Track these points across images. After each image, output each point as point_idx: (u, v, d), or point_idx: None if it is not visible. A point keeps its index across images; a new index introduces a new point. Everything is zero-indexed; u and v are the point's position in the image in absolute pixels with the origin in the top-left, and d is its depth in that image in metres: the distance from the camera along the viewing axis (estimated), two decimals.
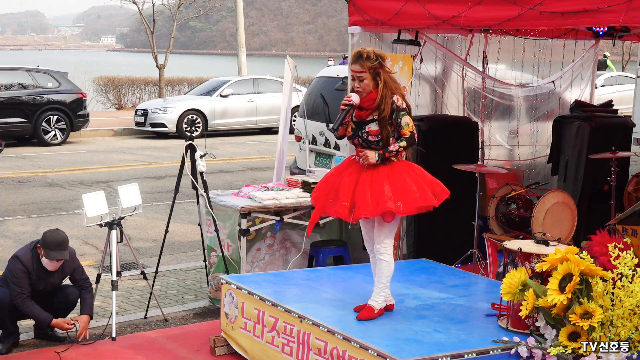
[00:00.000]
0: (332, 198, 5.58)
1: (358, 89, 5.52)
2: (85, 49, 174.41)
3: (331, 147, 10.59)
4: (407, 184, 5.47)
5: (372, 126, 5.49)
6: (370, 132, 5.48)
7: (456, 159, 7.78)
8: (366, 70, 5.47)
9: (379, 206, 5.39)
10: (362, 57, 5.49)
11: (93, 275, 7.31)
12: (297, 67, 8.67)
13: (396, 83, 5.64)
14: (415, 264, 7.23)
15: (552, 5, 6.06)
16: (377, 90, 5.48)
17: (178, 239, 10.53)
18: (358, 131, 5.54)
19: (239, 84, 23.41)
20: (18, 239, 10.43)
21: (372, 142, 5.49)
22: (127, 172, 16.07)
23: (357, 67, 5.51)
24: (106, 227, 6.92)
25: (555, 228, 7.21)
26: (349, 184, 5.51)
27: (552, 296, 4.67)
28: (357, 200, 5.45)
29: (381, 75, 5.49)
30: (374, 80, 5.48)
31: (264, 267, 7.61)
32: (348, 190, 5.49)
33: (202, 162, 7.37)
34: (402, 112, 5.47)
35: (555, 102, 9.48)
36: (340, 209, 5.48)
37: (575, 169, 8.46)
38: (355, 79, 5.53)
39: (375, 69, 5.47)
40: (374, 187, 5.44)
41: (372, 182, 5.46)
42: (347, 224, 7.91)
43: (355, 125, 5.57)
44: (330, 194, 5.61)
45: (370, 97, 5.50)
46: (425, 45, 7.95)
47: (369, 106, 5.51)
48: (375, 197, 5.41)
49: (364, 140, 5.51)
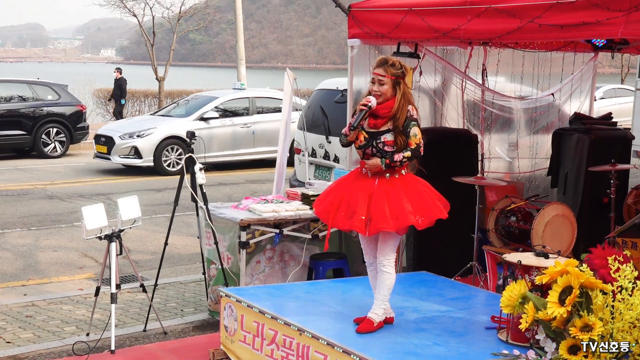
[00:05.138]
0: (344, 212, 5.57)
1: (376, 93, 5.53)
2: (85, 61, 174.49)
3: (331, 160, 10.60)
4: (423, 198, 5.53)
5: (387, 136, 5.50)
6: (386, 143, 5.49)
7: (456, 171, 7.78)
8: (388, 75, 5.50)
9: (400, 220, 5.41)
10: (387, 63, 5.54)
11: (92, 288, 7.30)
12: (296, 79, 8.69)
13: (412, 98, 5.68)
14: (415, 276, 7.22)
15: (551, 18, 6.07)
16: (394, 99, 5.51)
17: (177, 252, 10.52)
18: (372, 141, 5.54)
19: None
20: (17, 252, 10.42)
21: (387, 152, 5.49)
22: (127, 184, 16.07)
23: (380, 71, 5.54)
24: (105, 240, 6.90)
25: (555, 241, 7.20)
26: (363, 198, 5.51)
27: (552, 309, 4.66)
28: (374, 214, 5.44)
29: (401, 85, 5.54)
30: (393, 88, 5.52)
31: (263, 280, 7.60)
32: (363, 204, 5.49)
33: (202, 174, 7.37)
34: (412, 122, 5.50)
35: (554, 115, 9.49)
36: (357, 222, 5.47)
37: (575, 181, 8.46)
38: (375, 82, 5.55)
39: (397, 77, 5.51)
40: (391, 200, 5.45)
41: (389, 196, 5.47)
42: (347, 237, 7.94)
43: (369, 135, 5.57)
44: (341, 208, 5.59)
45: (388, 104, 5.52)
46: (424, 58, 7.96)
47: (385, 114, 5.52)
48: (395, 210, 5.42)
49: (378, 150, 5.51)
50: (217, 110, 18.10)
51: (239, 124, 18.21)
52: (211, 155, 17.15)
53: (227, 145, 17.94)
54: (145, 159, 17.19)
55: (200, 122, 17.69)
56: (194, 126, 17.14)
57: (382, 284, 5.59)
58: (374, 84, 5.56)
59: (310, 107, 11.45)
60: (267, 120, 18.41)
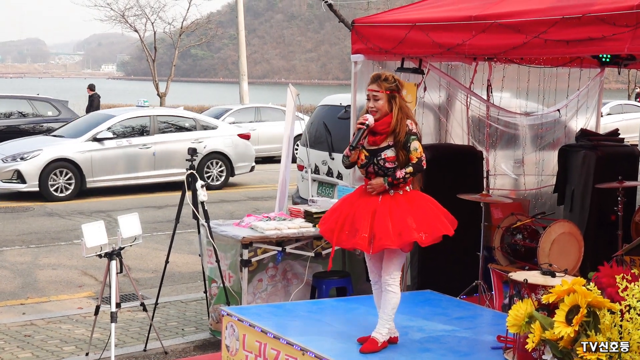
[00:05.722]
0: (348, 230, 5.57)
1: (373, 109, 5.56)
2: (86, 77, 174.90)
3: (334, 177, 10.60)
4: (427, 214, 5.52)
5: (388, 152, 5.51)
6: (387, 159, 5.49)
7: (460, 188, 7.77)
8: (383, 90, 5.54)
9: (403, 237, 5.40)
10: (380, 78, 5.58)
11: (92, 307, 7.29)
12: (299, 95, 8.70)
13: (411, 112, 5.69)
14: (420, 295, 7.20)
15: (557, 33, 6.08)
16: (392, 115, 5.54)
17: (178, 270, 10.51)
18: (372, 158, 5.55)
19: (240, 113, 23.49)
20: (16, 270, 10.42)
21: (388, 169, 5.49)
22: (127, 201, 16.07)
23: (374, 87, 5.58)
24: (106, 258, 6.90)
25: (561, 259, 7.18)
26: (365, 215, 5.51)
27: (559, 329, 4.64)
28: (377, 231, 5.44)
29: (397, 99, 5.56)
30: (389, 103, 5.55)
31: (265, 299, 7.59)
32: (366, 222, 5.48)
33: (203, 191, 7.37)
34: (412, 136, 5.51)
35: (560, 131, 9.48)
36: (360, 240, 5.47)
37: (582, 198, 8.45)
38: (370, 98, 5.59)
39: (392, 91, 5.54)
40: (394, 217, 5.45)
41: (392, 212, 5.47)
42: (351, 255, 7.92)
43: (369, 152, 5.58)
44: (345, 226, 5.59)
45: (385, 120, 5.54)
46: (429, 74, 7.97)
47: (383, 130, 5.54)
48: (398, 227, 5.42)
49: (380, 168, 5.52)
50: (113, 130, 16.91)
51: (138, 144, 17.00)
52: (103, 180, 16.28)
53: (122, 168, 16.78)
54: (30, 184, 15.83)
55: (93, 142, 16.47)
56: (86, 147, 16.21)
57: (386, 303, 5.58)
58: (370, 101, 5.59)
59: (313, 123, 11.46)
60: (170, 140, 17.36)
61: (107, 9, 32.43)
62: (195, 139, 17.45)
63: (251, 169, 18.76)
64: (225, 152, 17.99)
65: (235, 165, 18.20)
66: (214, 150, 17.81)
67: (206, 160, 17.70)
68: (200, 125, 17.96)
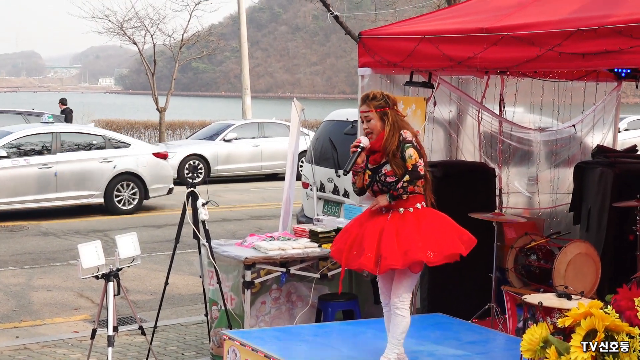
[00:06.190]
0: (356, 251, 5.61)
1: (367, 130, 5.71)
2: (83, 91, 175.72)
3: (340, 195, 10.60)
4: (435, 232, 5.55)
5: (387, 167, 5.63)
6: (387, 174, 5.60)
7: (472, 207, 7.77)
8: (372, 109, 5.69)
9: (408, 256, 5.43)
10: (369, 98, 5.73)
11: (88, 330, 7.28)
12: (304, 110, 8.72)
13: (409, 126, 5.77)
14: (430, 318, 7.19)
15: (572, 46, 6.09)
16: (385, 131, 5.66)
17: (178, 292, 10.50)
18: (375, 176, 5.63)
19: (243, 128, 23.53)
20: (9, 292, 10.42)
21: (390, 183, 5.56)
22: (125, 220, 16.09)
23: (364, 108, 5.74)
24: (103, 279, 6.89)
25: (577, 281, 7.17)
26: (373, 235, 5.56)
27: (576, 354, 4.62)
28: (384, 250, 5.47)
29: (389, 115, 5.67)
30: (381, 120, 5.69)
31: (269, 322, 7.57)
32: (373, 241, 5.53)
33: (204, 210, 7.38)
34: (407, 145, 5.60)
35: (576, 147, 9.48)
36: (365, 260, 5.51)
37: (598, 217, 8.43)
38: (363, 120, 5.75)
39: (382, 108, 5.67)
40: (401, 236, 5.48)
41: (399, 231, 5.51)
42: (358, 276, 7.91)
43: (372, 172, 5.69)
44: (353, 247, 5.65)
45: (380, 137, 5.67)
46: (439, 88, 7.99)
47: (379, 147, 5.67)
48: (403, 246, 5.45)
49: (383, 184, 5.60)
50: (8, 148, 15.94)
51: (37, 164, 16.01)
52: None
53: (16, 191, 15.71)
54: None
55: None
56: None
57: (395, 327, 5.58)
58: (363, 122, 5.75)
59: (319, 139, 11.47)
60: (75, 159, 16.49)
61: (105, 20, 32.56)
62: (104, 158, 16.74)
63: (169, 191, 17.62)
64: (138, 173, 17.04)
65: (150, 187, 17.17)
66: (126, 171, 16.90)
67: (116, 181, 16.79)
68: (110, 143, 17.08)
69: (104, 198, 16.65)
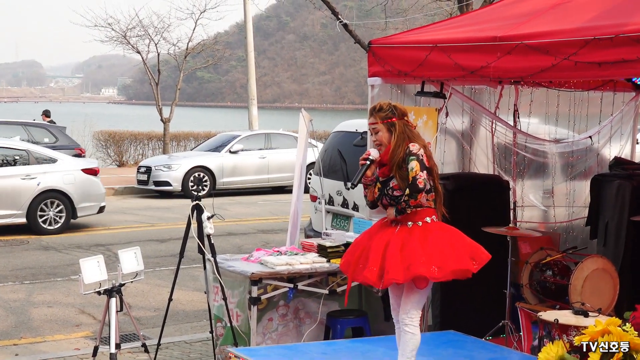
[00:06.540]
0: (362, 264, 5.64)
1: (376, 142, 5.77)
2: (85, 101, 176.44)
3: (349, 208, 10.60)
4: (442, 247, 5.55)
5: (394, 180, 5.64)
6: (394, 187, 5.62)
7: (486, 221, 7.76)
8: (379, 121, 5.74)
9: (410, 271, 5.43)
10: (375, 109, 5.78)
11: (90, 348, 7.29)
12: (312, 120, 8.73)
13: (418, 137, 5.79)
14: (442, 336, 7.18)
15: (588, 55, 6.09)
16: None
17: (182, 308, 10.51)
18: (384, 190, 5.65)
19: (249, 139, 23.54)
20: (9, 308, 10.44)
21: (397, 197, 5.57)
22: (128, 234, 16.12)
23: (371, 120, 5.79)
24: (105, 295, 6.91)
25: (595, 297, 7.15)
26: (378, 248, 5.59)
27: None
28: (387, 264, 5.49)
29: (396, 125, 5.70)
30: (389, 132, 5.74)
31: (276, 339, 7.57)
32: (377, 254, 5.55)
33: (210, 223, 7.39)
34: (411, 157, 5.62)
35: (593, 159, 9.47)
36: (368, 274, 5.53)
37: (616, 232, 8.42)
38: (372, 132, 5.81)
39: (389, 119, 5.69)
40: (405, 250, 5.49)
41: (404, 245, 5.52)
42: (368, 292, 7.91)
43: (382, 184, 5.72)
44: (360, 260, 5.68)
45: (388, 149, 5.71)
46: (451, 98, 8.00)
47: (387, 160, 5.71)
48: (407, 260, 5.45)
49: (391, 198, 5.62)
50: None
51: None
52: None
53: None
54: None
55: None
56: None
57: (405, 345, 5.58)
58: (372, 135, 5.81)
59: (327, 150, 11.48)
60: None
61: (108, 29, 32.67)
62: (27, 175, 15.98)
63: (99, 210, 16.93)
64: (65, 190, 16.26)
65: (78, 206, 16.40)
66: (51, 188, 16.16)
67: (40, 200, 16.03)
68: (34, 159, 16.31)
69: (26, 217, 15.92)
